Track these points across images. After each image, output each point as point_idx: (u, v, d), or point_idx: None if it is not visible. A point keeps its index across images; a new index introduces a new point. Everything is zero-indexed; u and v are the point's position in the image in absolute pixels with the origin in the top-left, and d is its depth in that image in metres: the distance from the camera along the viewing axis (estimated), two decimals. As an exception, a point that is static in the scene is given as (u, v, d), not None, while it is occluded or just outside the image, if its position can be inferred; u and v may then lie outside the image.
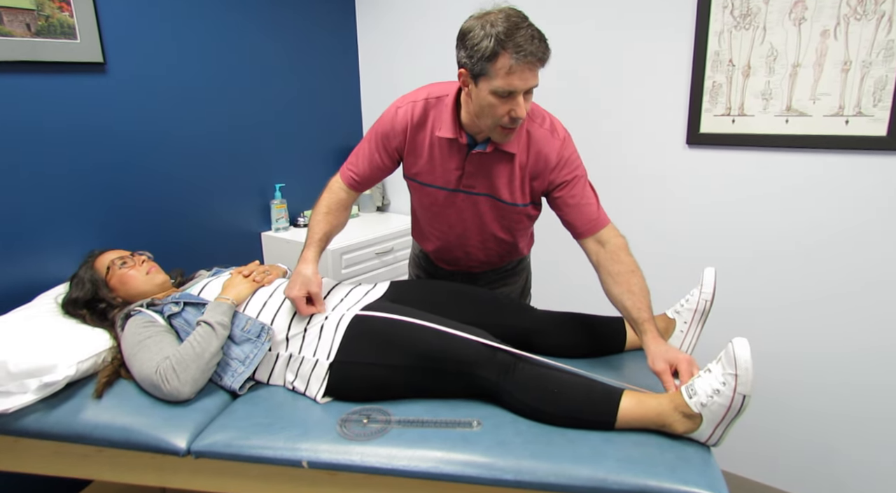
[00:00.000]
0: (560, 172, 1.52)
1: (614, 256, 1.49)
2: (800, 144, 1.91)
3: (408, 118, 1.57)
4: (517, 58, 1.28)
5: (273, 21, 2.57)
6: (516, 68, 1.29)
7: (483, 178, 1.55)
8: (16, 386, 1.38)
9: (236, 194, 2.55)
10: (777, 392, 2.13)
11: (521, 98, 1.34)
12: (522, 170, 1.53)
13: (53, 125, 1.91)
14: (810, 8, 1.80)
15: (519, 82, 1.31)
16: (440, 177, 1.59)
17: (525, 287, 1.95)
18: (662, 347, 1.34)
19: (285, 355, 1.51)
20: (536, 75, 1.34)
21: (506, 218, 1.64)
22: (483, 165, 1.53)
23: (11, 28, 1.76)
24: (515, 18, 1.31)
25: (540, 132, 1.52)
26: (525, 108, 1.36)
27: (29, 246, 1.91)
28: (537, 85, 1.35)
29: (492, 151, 1.50)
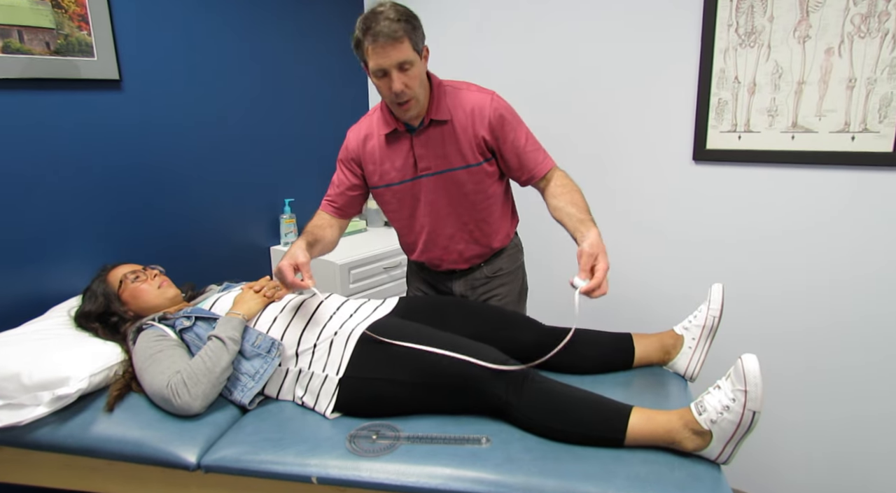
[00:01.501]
0: (497, 124, 1.63)
1: (558, 181, 1.65)
2: (806, 160, 1.92)
3: (356, 136, 1.75)
4: (372, 39, 1.45)
5: (284, 39, 2.60)
6: (375, 48, 1.46)
7: (434, 155, 1.65)
8: (29, 398, 1.40)
9: (246, 209, 2.58)
10: (786, 409, 2.12)
11: (395, 73, 1.48)
12: (464, 130, 1.63)
13: (69, 141, 1.95)
14: (814, 26, 1.82)
15: (381, 60, 1.47)
16: (398, 172, 1.70)
17: (522, 289, 1.96)
18: (598, 240, 1.46)
19: (295, 371, 1.51)
20: (400, 51, 1.46)
21: (468, 184, 1.69)
22: (428, 141, 1.65)
23: (31, 46, 1.80)
24: (378, 8, 1.47)
25: (469, 95, 1.65)
26: (399, 82, 1.49)
27: (42, 259, 1.93)
28: (409, 59, 1.48)
29: (428, 125, 1.63)
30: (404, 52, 1.47)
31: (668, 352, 1.60)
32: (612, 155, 2.34)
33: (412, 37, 1.48)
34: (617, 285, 2.40)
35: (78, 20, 1.89)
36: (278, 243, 2.72)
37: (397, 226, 1.85)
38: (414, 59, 1.49)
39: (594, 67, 2.31)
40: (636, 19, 2.16)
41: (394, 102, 1.55)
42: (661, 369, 1.62)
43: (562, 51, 2.38)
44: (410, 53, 1.48)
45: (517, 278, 1.92)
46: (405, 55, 1.47)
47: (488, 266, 1.85)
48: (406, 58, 1.47)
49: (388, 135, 1.67)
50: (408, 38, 1.46)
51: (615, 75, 2.26)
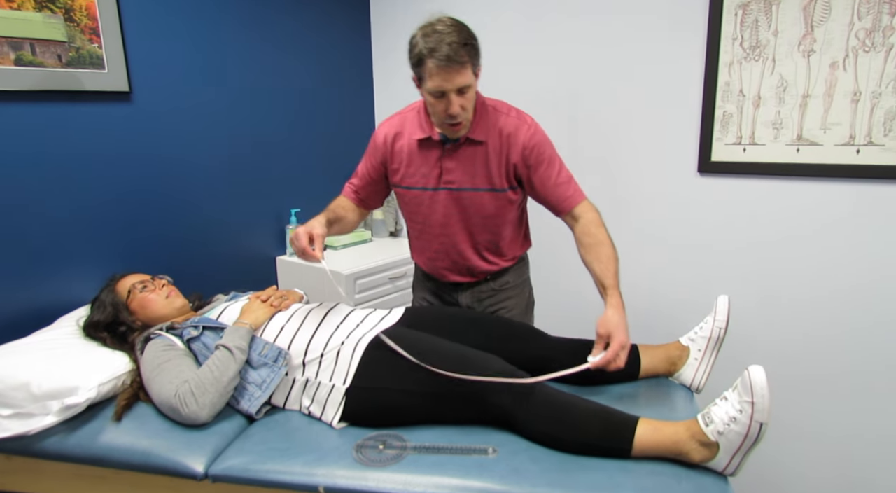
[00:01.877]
0: (531, 154, 1.62)
1: (585, 229, 1.61)
2: (811, 173, 1.93)
3: (385, 133, 1.74)
4: (436, 62, 1.43)
5: (290, 51, 2.63)
6: (438, 71, 1.44)
7: (461, 171, 1.65)
8: (38, 408, 1.40)
9: (253, 219, 2.59)
10: (793, 420, 2.11)
11: (453, 96, 1.48)
12: (497, 155, 1.63)
13: (80, 151, 1.97)
14: (819, 40, 1.83)
15: (443, 83, 1.46)
16: (421, 178, 1.69)
17: (528, 302, 1.96)
18: (616, 316, 1.44)
19: (302, 380, 1.52)
20: (462, 75, 1.46)
21: (488, 208, 1.69)
22: (459, 157, 1.64)
23: (43, 59, 1.83)
24: (440, 26, 1.46)
25: (507, 120, 1.64)
26: (457, 105, 1.49)
27: (52, 269, 1.95)
28: (468, 83, 1.48)
29: (464, 142, 1.62)
30: (466, 77, 1.47)
31: (674, 363, 1.61)
32: (619, 166, 2.35)
33: (474, 61, 1.48)
34: (625, 295, 2.41)
35: (89, 33, 1.92)
36: (284, 253, 2.73)
37: (410, 227, 1.86)
38: (473, 82, 1.50)
39: (600, 80, 2.32)
40: (642, 33, 2.18)
41: (444, 122, 1.55)
42: (667, 381, 1.62)
43: (569, 63, 2.40)
44: (471, 77, 1.49)
45: (523, 292, 1.92)
46: (466, 80, 1.47)
47: (495, 280, 1.86)
48: (467, 82, 1.47)
49: (421, 140, 1.67)
50: (470, 62, 1.47)
51: (621, 88, 2.28)
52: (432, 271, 1.88)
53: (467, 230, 1.74)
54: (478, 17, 2.57)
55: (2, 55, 1.74)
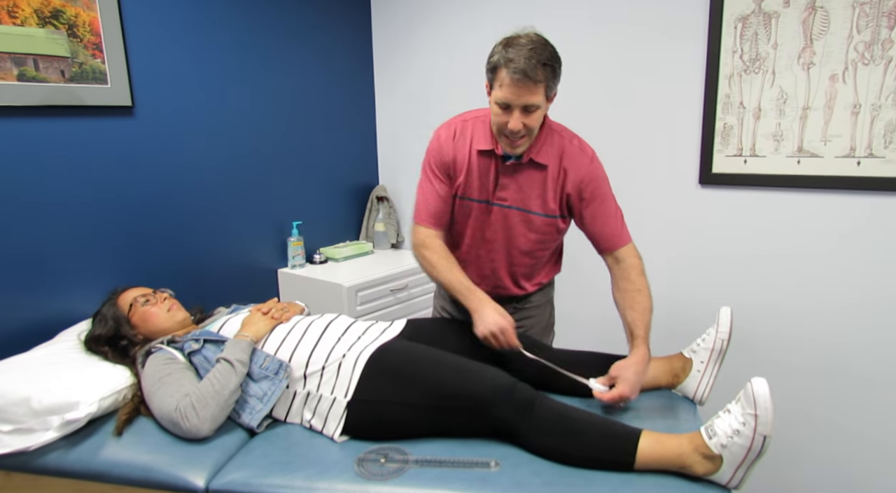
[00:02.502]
0: (587, 187, 1.61)
1: (626, 273, 1.61)
2: (812, 185, 1.93)
3: (449, 137, 1.67)
4: (510, 73, 1.40)
5: (292, 64, 2.65)
6: (510, 83, 1.41)
7: (515, 189, 1.62)
8: (38, 423, 1.40)
9: (254, 232, 2.60)
10: (797, 433, 2.10)
11: (517, 112, 1.45)
12: (555, 182, 1.61)
13: (82, 166, 1.98)
14: (818, 53, 1.84)
15: (511, 96, 1.43)
16: (477, 189, 1.65)
17: (549, 322, 1.95)
18: (634, 366, 1.46)
19: (303, 393, 1.51)
20: (533, 94, 1.42)
21: (534, 231, 1.66)
22: (516, 176, 1.61)
23: (47, 74, 1.84)
24: (524, 40, 1.43)
25: (571, 149, 1.62)
26: (519, 122, 1.45)
27: (53, 283, 1.95)
28: (537, 104, 1.44)
29: (526, 162, 1.59)
30: (536, 97, 1.43)
31: (677, 375, 1.60)
32: (620, 178, 2.33)
33: (549, 83, 1.44)
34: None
35: (92, 48, 1.93)
36: (286, 266, 2.73)
37: (451, 232, 1.78)
38: (542, 103, 1.46)
39: (601, 92, 2.34)
40: (643, 46, 2.20)
41: (502, 134, 1.51)
42: (669, 393, 1.61)
43: (570, 76, 2.40)
44: (540, 99, 1.44)
45: (545, 312, 1.90)
46: (535, 99, 1.43)
47: (520, 302, 1.84)
48: (536, 102, 1.44)
49: (483, 151, 1.62)
50: (544, 84, 1.42)
51: (621, 100, 2.29)
52: None
53: (508, 251, 1.71)
54: (476, 34, 2.59)
55: (5, 71, 1.76)
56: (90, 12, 1.91)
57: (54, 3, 1.83)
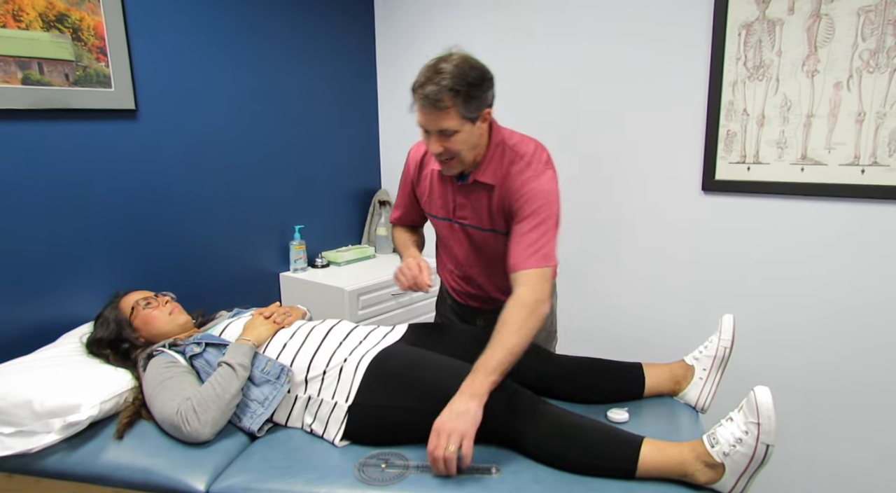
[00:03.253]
0: (518, 202, 1.51)
1: (510, 301, 1.42)
2: (815, 193, 1.93)
3: (416, 156, 1.75)
4: (418, 99, 1.42)
5: (295, 70, 2.65)
6: (419, 108, 1.43)
7: (470, 208, 1.63)
8: (40, 426, 1.40)
9: (256, 235, 2.60)
10: (801, 442, 2.09)
11: (434, 136, 1.45)
12: (501, 198, 1.56)
13: (85, 169, 1.98)
14: (823, 61, 1.84)
15: (423, 121, 1.45)
16: (440, 208, 1.69)
17: (550, 330, 1.94)
18: (452, 408, 1.27)
19: (304, 398, 1.51)
20: (443, 119, 1.41)
21: (497, 247, 1.64)
22: (469, 196, 1.62)
23: (51, 78, 1.85)
24: (442, 64, 1.41)
25: (520, 164, 1.54)
26: (439, 146, 1.45)
27: (55, 286, 1.95)
28: (452, 128, 1.42)
29: (472, 183, 1.58)
30: (447, 122, 1.41)
31: (679, 382, 1.60)
32: (623, 184, 2.35)
33: (462, 107, 1.40)
34: (627, 314, 2.40)
35: (97, 52, 1.94)
36: (288, 270, 2.73)
37: (438, 247, 1.87)
38: (459, 127, 1.42)
39: (605, 99, 2.34)
40: (646, 53, 2.20)
41: (432, 154, 1.51)
42: (671, 400, 1.61)
43: (573, 82, 2.41)
44: (454, 123, 1.41)
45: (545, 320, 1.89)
46: (447, 124, 1.41)
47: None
48: (448, 127, 1.41)
49: (440, 171, 1.64)
50: (454, 109, 1.39)
51: (625, 106, 2.29)
52: (452, 292, 1.88)
53: (484, 265, 1.72)
54: (478, 39, 2.59)
55: (9, 74, 1.76)
56: (95, 16, 1.92)
57: (59, 6, 1.84)
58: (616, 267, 2.42)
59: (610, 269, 2.44)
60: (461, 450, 1.24)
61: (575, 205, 2.47)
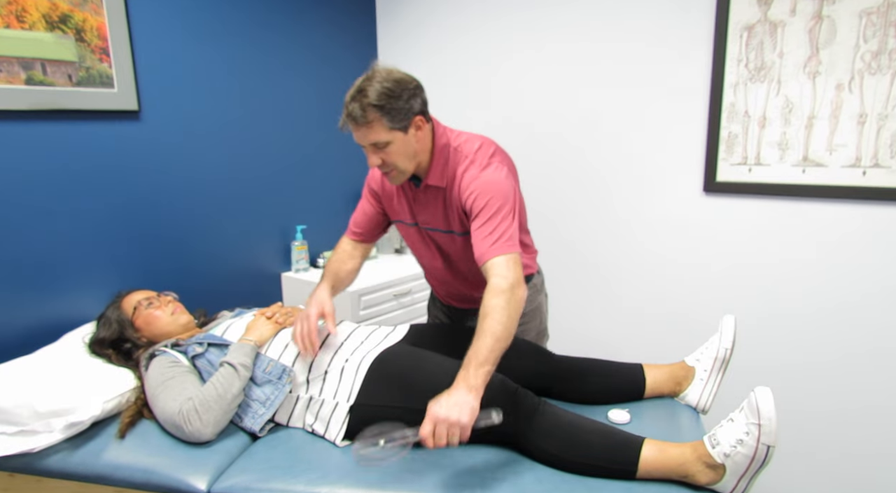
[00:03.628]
0: (470, 200, 1.50)
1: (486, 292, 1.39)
2: (817, 194, 1.93)
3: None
4: (346, 119, 1.44)
5: (297, 69, 2.66)
6: (351, 128, 1.44)
7: (429, 212, 1.63)
8: (42, 425, 1.40)
9: (258, 236, 2.60)
10: (803, 443, 2.09)
11: (369, 150, 1.46)
12: (453, 199, 1.56)
13: (88, 169, 1.99)
14: (824, 62, 1.84)
15: (356, 137, 1.46)
16: (405, 215, 1.69)
17: (540, 329, 1.94)
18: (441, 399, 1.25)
19: (305, 398, 1.52)
20: (370, 133, 1.42)
21: (460, 249, 1.64)
22: (425, 200, 1.61)
23: (54, 78, 1.85)
24: (361, 82, 1.42)
25: (465, 163, 1.54)
26: (376, 158, 1.46)
27: (57, 286, 1.95)
28: (381, 140, 1.42)
29: (424, 188, 1.59)
30: (376, 135, 1.42)
31: (680, 383, 1.60)
32: (624, 186, 2.35)
33: (387, 119, 1.41)
34: (628, 315, 2.40)
35: (100, 53, 1.94)
36: (289, 270, 2.73)
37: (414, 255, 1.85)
38: (390, 138, 1.43)
39: (606, 100, 2.34)
40: (647, 53, 2.20)
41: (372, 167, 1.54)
42: (672, 401, 1.61)
43: (575, 85, 2.41)
44: (384, 135, 1.42)
45: (534, 319, 1.88)
46: (377, 137, 1.42)
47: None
48: (377, 140, 1.43)
49: None
50: (379, 122, 1.40)
51: (626, 108, 2.29)
52: (439, 296, 1.89)
53: (452, 266, 1.72)
54: (479, 40, 2.60)
55: (13, 75, 1.77)
56: (98, 17, 1.92)
57: (62, 7, 1.84)
58: (617, 268, 2.42)
59: (611, 270, 2.44)
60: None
61: (576, 207, 2.48)
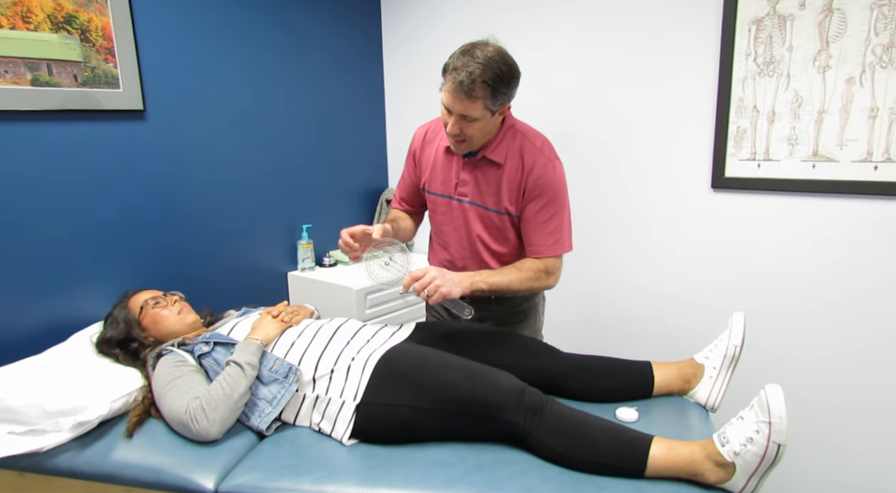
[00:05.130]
0: (535, 186, 1.61)
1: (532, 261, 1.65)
2: (827, 190, 1.91)
3: (422, 133, 1.81)
4: (451, 81, 1.47)
5: (303, 68, 2.66)
6: (449, 90, 1.48)
7: (473, 186, 1.67)
8: (50, 425, 1.41)
9: (264, 235, 2.61)
10: (814, 442, 2.07)
11: (455, 117, 1.51)
12: (511, 178, 1.63)
13: (94, 169, 1.99)
14: (834, 56, 1.82)
15: (449, 103, 1.50)
16: (441, 185, 1.73)
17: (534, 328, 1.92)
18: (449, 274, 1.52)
19: (312, 396, 1.51)
20: (469, 107, 1.47)
21: (492, 228, 1.69)
22: (475, 172, 1.67)
23: (60, 79, 1.86)
24: (479, 52, 1.46)
25: (531, 148, 1.63)
26: (456, 126, 1.52)
27: (65, 286, 1.96)
28: (474, 116, 1.49)
29: (481, 159, 1.64)
30: (472, 110, 1.48)
31: (689, 381, 1.58)
32: (632, 181, 2.34)
33: (489, 100, 1.47)
34: (636, 311, 2.39)
35: (105, 53, 1.95)
36: (295, 269, 2.74)
37: (432, 229, 1.88)
38: (480, 116, 1.50)
39: (614, 95, 2.32)
40: (654, 48, 2.18)
41: (448, 133, 1.57)
42: (681, 399, 1.60)
43: (583, 80, 2.40)
44: (478, 112, 1.48)
45: (530, 318, 1.89)
46: (472, 112, 1.48)
47: (499, 303, 1.83)
48: (471, 115, 1.49)
49: (448, 148, 1.69)
50: (482, 100, 1.46)
51: (634, 102, 2.28)
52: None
53: (473, 246, 1.74)
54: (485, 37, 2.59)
55: (19, 76, 1.77)
56: (102, 17, 1.93)
57: (67, 8, 1.85)
58: (625, 264, 2.41)
59: (619, 265, 2.42)
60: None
61: (583, 203, 2.46)
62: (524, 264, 1.63)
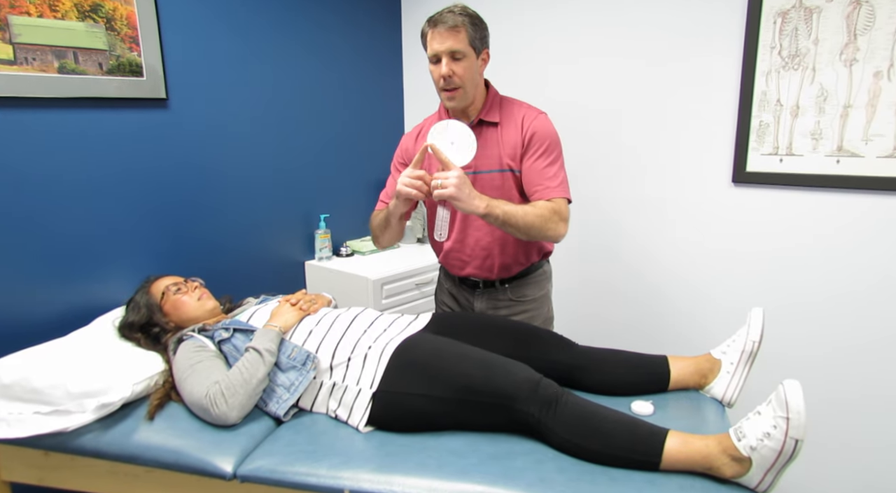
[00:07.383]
0: (533, 137, 1.69)
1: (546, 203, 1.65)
2: (851, 185, 1.88)
3: (412, 137, 1.87)
4: (431, 26, 1.60)
5: (322, 58, 2.67)
6: (433, 35, 1.60)
7: (477, 154, 1.66)
8: (75, 406, 1.44)
9: (282, 224, 2.63)
10: (832, 437, 2.05)
11: (445, 59, 1.60)
12: (509, 135, 1.71)
13: (117, 157, 2.02)
14: (862, 49, 1.79)
15: (436, 44, 1.60)
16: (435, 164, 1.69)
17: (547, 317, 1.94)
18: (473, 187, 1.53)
19: (329, 384, 1.53)
20: (455, 39, 1.58)
21: (494, 190, 1.70)
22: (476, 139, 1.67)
23: (86, 67, 1.88)
24: (447, 7, 1.61)
25: (522, 106, 1.75)
26: (449, 68, 1.60)
27: (89, 271, 1.99)
28: (461, 50, 1.59)
29: (477, 123, 1.71)
30: (459, 42, 1.58)
31: (705, 376, 1.58)
32: (653, 175, 2.32)
33: (470, 31, 1.59)
34: (654, 305, 2.38)
35: (129, 41, 1.97)
36: (313, 258, 2.76)
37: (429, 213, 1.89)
38: (467, 51, 1.60)
39: (636, 89, 2.31)
40: (678, 41, 2.16)
41: (441, 89, 1.65)
42: (697, 394, 1.59)
43: (605, 73, 2.38)
44: (464, 45, 1.59)
45: (542, 306, 1.90)
46: (459, 45, 1.58)
47: (513, 290, 1.84)
48: (459, 48, 1.58)
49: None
50: (465, 30, 1.58)
51: (656, 97, 2.26)
52: (446, 262, 1.89)
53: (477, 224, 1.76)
54: (515, 37, 2.58)
55: (46, 63, 1.80)
56: (127, 6, 1.95)
57: (94, -4, 1.87)
58: (644, 259, 2.40)
59: (638, 260, 2.41)
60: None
61: (604, 196, 2.45)
62: (536, 202, 1.65)
